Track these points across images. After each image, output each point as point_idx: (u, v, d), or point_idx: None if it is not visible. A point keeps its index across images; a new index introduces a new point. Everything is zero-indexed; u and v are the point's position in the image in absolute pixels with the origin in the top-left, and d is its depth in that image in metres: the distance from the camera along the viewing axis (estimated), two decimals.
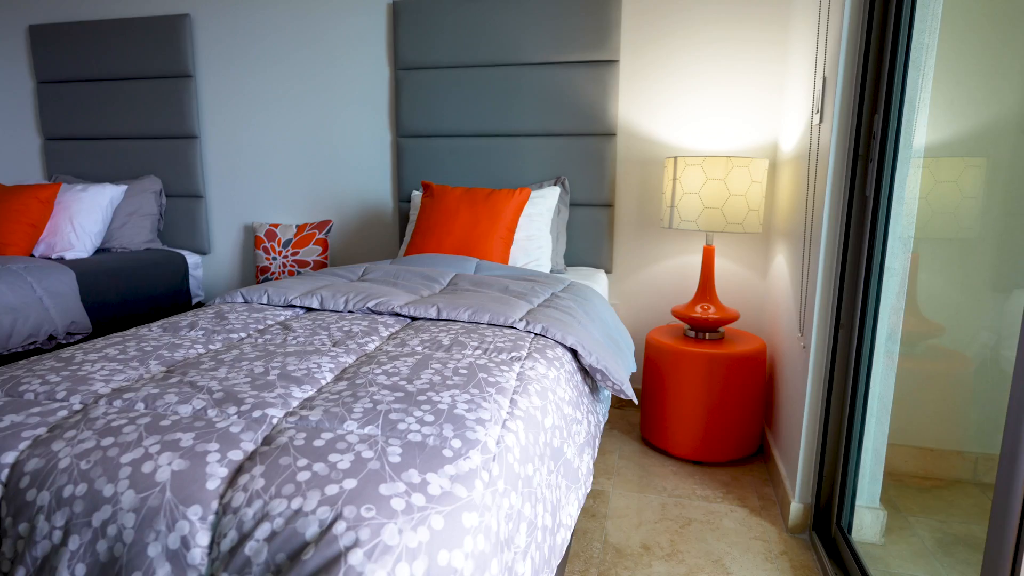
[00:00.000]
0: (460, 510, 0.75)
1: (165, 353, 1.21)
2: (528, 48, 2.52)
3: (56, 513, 0.78)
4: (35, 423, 0.90)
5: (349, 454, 0.80)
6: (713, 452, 2.14)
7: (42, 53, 3.10)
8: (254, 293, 1.68)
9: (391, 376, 1.06)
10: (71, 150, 3.17)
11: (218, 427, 0.87)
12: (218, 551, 0.73)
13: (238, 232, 3.04)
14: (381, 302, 1.55)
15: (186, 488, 0.77)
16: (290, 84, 2.85)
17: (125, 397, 0.97)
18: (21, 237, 2.54)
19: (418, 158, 2.69)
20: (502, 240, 2.12)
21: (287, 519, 0.72)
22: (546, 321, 1.43)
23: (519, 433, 0.95)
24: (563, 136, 2.55)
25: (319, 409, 0.93)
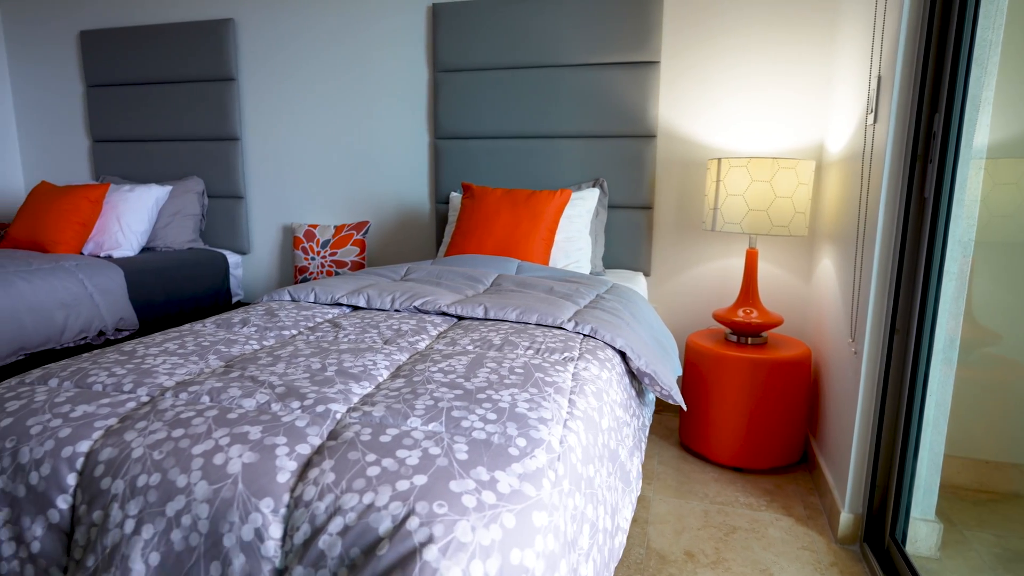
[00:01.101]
0: (530, 509, 0.74)
1: (222, 348, 1.22)
2: (567, 50, 2.51)
3: (130, 502, 0.79)
4: (106, 413, 0.92)
5: (416, 450, 0.80)
6: (755, 459, 2.09)
7: (92, 58, 3.20)
8: (301, 291, 1.70)
9: (448, 374, 1.06)
10: (118, 152, 3.25)
11: (284, 421, 0.88)
12: (291, 544, 0.73)
13: (277, 232, 3.09)
14: (427, 301, 1.56)
15: (257, 480, 0.77)
16: (329, 86, 2.89)
17: (190, 390, 0.98)
18: (72, 236, 2.61)
19: (456, 160, 2.70)
20: (543, 241, 2.11)
21: (359, 514, 0.72)
22: (594, 322, 1.41)
23: (580, 434, 0.94)
24: (601, 138, 2.54)
25: (381, 405, 0.93)
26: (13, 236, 2.67)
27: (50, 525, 0.84)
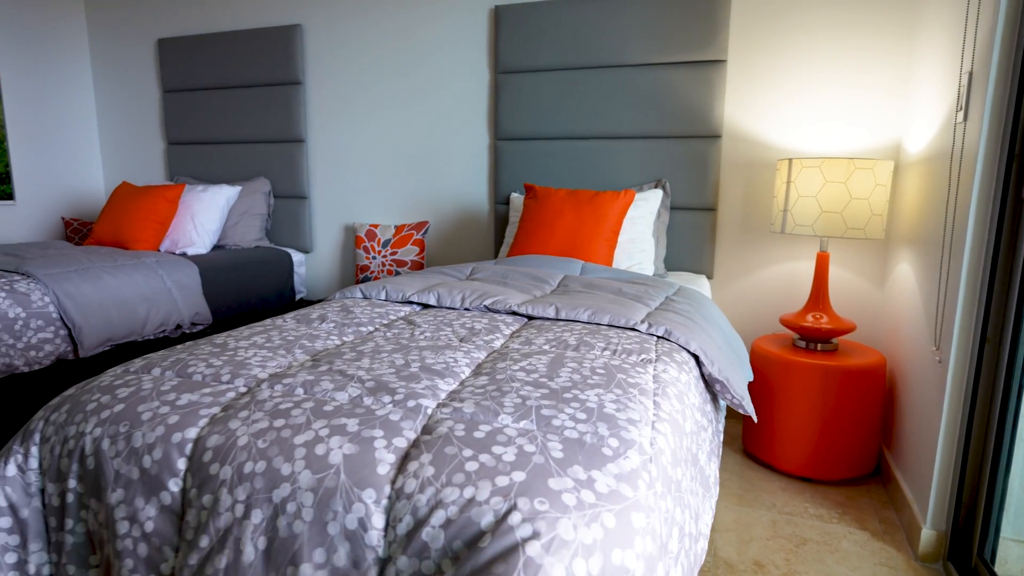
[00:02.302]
0: (629, 510, 0.74)
1: (306, 343, 1.26)
2: (630, 50, 2.49)
3: (238, 488, 0.83)
4: (209, 402, 0.97)
5: (511, 447, 0.81)
6: (825, 470, 2.03)
7: (168, 64, 3.35)
8: (372, 289, 1.74)
9: (530, 373, 1.06)
10: (190, 153, 3.40)
11: (378, 415, 0.90)
12: (394, 534, 0.75)
13: (338, 232, 3.17)
14: (498, 300, 1.57)
15: (359, 472, 0.80)
16: (391, 89, 2.94)
17: (284, 382, 1.02)
18: (150, 233, 2.74)
19: (515, 161, 2.71)
20: (607, 242, 2.10)
21: (461, 507, 0.73)
22: (668, 324, 1.40)
23: (668, 436, 0.93)
24: (664, 138, 2.50)
25: (470, 402, 0.94)
26: (98, 234, 2.82)
27: (162, 507, 0.88)
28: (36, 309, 2.00)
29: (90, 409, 0.99)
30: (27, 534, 0.99)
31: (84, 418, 0.98)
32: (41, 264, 2.19)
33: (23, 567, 0.98)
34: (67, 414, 1.00)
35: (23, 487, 0.99)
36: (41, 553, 1.00)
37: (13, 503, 0.98)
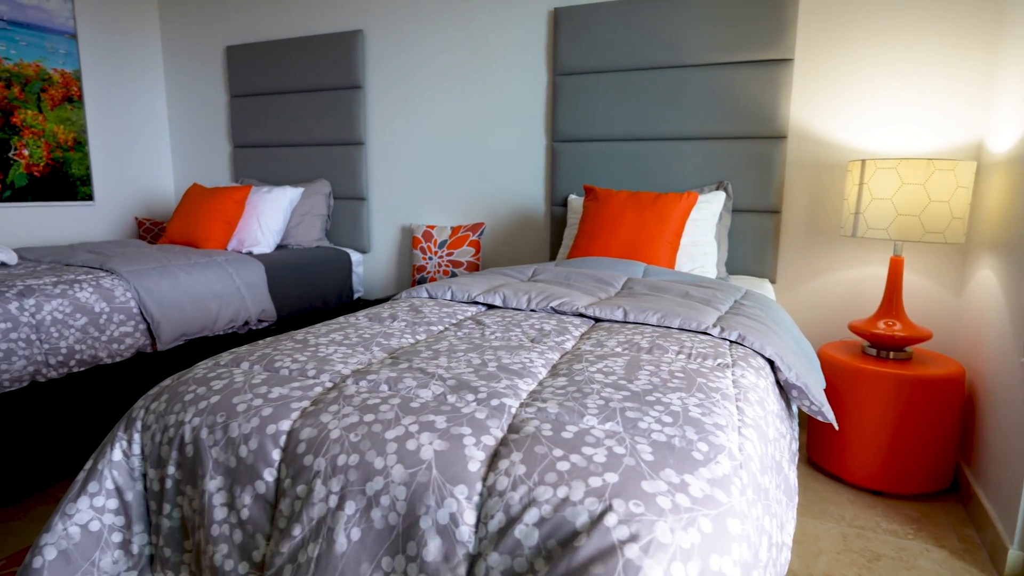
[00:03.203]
0: (725, 515, 0.73)
1: (382, 341, 1.29)
2: (692, 49, 2.46)
3: (332, 479, 0.85)
4: (299, 396, 1.00)
5: (601, 448, 0.81)
6: (897, 483, 1.95)
7: (235, 70, 3.49)
8: (438, 289, 1.77)
9: (608, 375, 1.06)
10: (254, 156, 3.53)
11: (464, 412, 0.91)
12: (485, 531, 0.76)
13: (395, 232, 3.23)
14: (564, 303, 1.57)
15: (450, 468, 0.81)
16: (449, 91, 2.98)
17: (368, 379, 1.05)
18: (219, 233, 2.86)
19: (572, 162, 2.71)
20: (669, 245, 2.07)
21: (555, 506, 0.73)
22: (741, 329, 1.37)
23: (754, 442, 0.91)
24: (726, 139, 2.46)
25: (553, 402, 0.94)
26: (171, 233, 2.95)
27: (257, 495, 0.92)
28: (119, 304, 2.10)
29: (188, 400, 1.04)
30: (131, 516, 1.04)
31: (183, 408, 1.02)
32: (123, 261, 2.31)
33: (127, 547, 1.04)
34: (166, 404, 1.05)
35: (128, 471, 1.04)
36: (143, 535, 1.05)
37: (119, 486, 1.04)
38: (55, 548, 1.00)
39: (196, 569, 1.00)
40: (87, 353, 1.99)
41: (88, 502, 1.03)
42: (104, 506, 1.03)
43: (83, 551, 1.01)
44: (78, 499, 1.03)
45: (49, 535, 1.01)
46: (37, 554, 0.99)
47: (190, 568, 1.02)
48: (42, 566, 0.98)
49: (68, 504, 1.03)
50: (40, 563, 0.98)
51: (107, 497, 1.04)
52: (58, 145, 3.31)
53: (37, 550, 0.99)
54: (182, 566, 1.02)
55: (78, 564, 1.00)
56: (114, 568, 1.03)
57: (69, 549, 1.00)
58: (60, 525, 1.01)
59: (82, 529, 1.01)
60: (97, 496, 1.04)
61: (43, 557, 0.99)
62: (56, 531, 1.01)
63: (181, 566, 1.02)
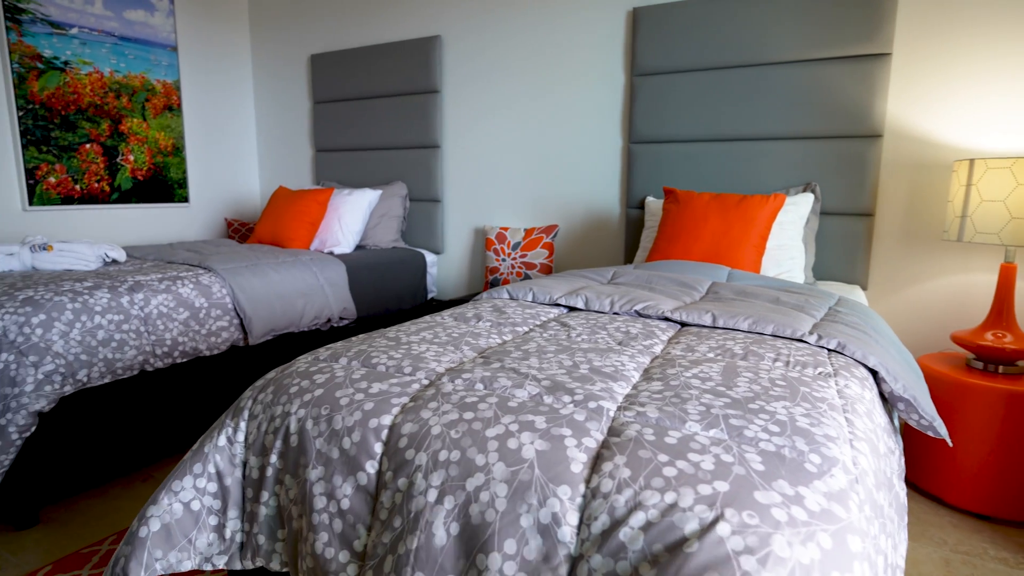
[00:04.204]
0: (844, 531, 0.69)
1: (471, 340, 1.31)
2: (777, 46, 2.37)
3: (433, 473, 0.87)
4: (398, 392, 1.03)
5: (707, 455, 0.79)
6: (1007, 508, 1.80)
7: (318, 78, 3.64)
8: (519, 290, 1.78)
9: (705, 381, 1.03)
10: (334, 159, 3.67)
11: (562, 414, 0.91)
12: (588, 532, 0.76)
13: (469, 234, 3.27)
14: (649, 306, 1.55)
15: (553, 468, 0.81)
16: (525, 94, 3.00)
17: (464, 377, 1.06)
18: (303, 233, 2.99)
19: (650, 164, 2.67)
20: (755, 248, 2.01)
21: (662, 512, 0.72)
22: (840, 337, 1.31)
23: (867, 456, 0.87)
24: (813, 139, 2.35)
25: (652, 407, 0.93)
26: (259, 233, 3.11)
27: (358, 486, 0.95)
28: (216, 300, 2.23)
29: (293, 392, 1.09)
30: (227, 501, 1.10)
31: (288, 400, 1.07)
32: (219, 260, 2.45)
33: (221, 531, 1.10)
34: (272, 395, 1.11)
35: (229, 457, 1.10)
36: (236, 521, 1.10)
37: (220, 471, 1.10)
38: (159, 521, 1.06)
39: (289, 558, 1.04)
40: (188, 345, 2.13)
41: (192, 482, 1.09)
42: (205, 488, 1.10)
43: (183, 528, 1.07)
44: (183, 478, 1.10)
45: (155, 507, 1.07)
46: (143, 524, 1.06)
47: (282, 558, 1.06)
48: (146, 535, 1.05)
49: (174, 481, 1.10)
50: (145, 532, 1.05)
51: (208, 480, 1.10)
52: (159, 151, 3.56)
53: (143, 520, 1.06)
54: (274, 555, 1.06)
55: (177, 539, 1.06)
56: (208, 550, 1.09)
57: (171, 524, 1.06)
58: (165, 500, 1.08)
59: (184, 507, 1.08)
60: (200, 477, 1.10)
61: (148, 527, 1.05)
62: (161, 505, 1.07)
63: (273, 555, 1.06)
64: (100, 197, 3.30)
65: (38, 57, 3.01)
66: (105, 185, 3.32)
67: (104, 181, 3.32)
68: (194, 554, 1.05)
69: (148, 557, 1.00)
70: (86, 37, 3.18)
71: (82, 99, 3.19)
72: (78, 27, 3.15)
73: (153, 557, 1.00)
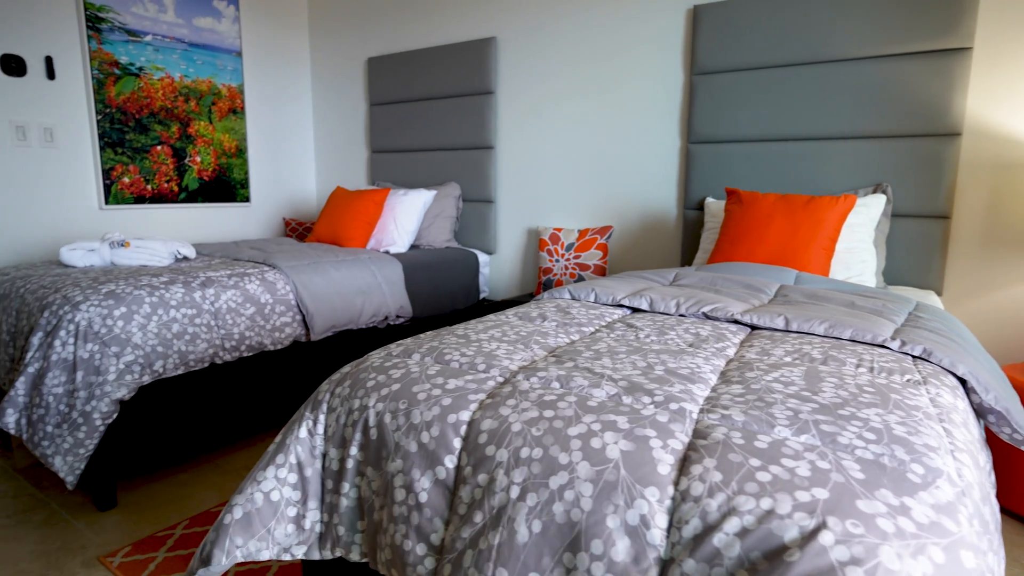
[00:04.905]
0: (957, 546, 0.66)
1: (539, 339, 1.31)
2: (846, 42, 2.29)
3: (514, 470, 0.87)
4: (474, 389, 1.03)
5: (802, 461, 0.76)
6: None
7: (375, 80, 3.71)
8: (580, 291, 1.77)
9: (787, 385, 1.00)
10: (388, 160, 3.73)
11: (644, 415, 0.90)
12: (679, 536, 0.74)
13: (521, 234, 3.28)
14: (716, 308, 1.52)
15: (639, 469, 0.80)
16: (580, 94, 2.99)
17: (539, 375, 1.06)
18: (360, 232, 3.05)
19: (709, 164, 2.62)
20: (823, 251, 1.94)
21: (758, 518, 0.70)
22: (926, 343, 1.25)
23: (970, 468, 0.82)
24: (884, 138, 2.26)
25: (736, 410, 0.91)
26: (317, 232, 3.19)
27: (436, 480, 0.96)
28: (280, 296, 2.30)
29: (370, 386, 1.11)
30: (307, 492, 1.12)
31: (366, 393, 1.10)
32: (282, 257, 2.52)
33: (300, 521, 1.12)
34: (350, 388, 1.13)
35: (310, 449, 1.13)
36: (316, 511, 1.13)
37: (301, 461, 1.13)
38: (242, 509, 1.09)
39: (368, 549, 1.06)
40: (255, 340, 2.20)
41: (274, 472, 1.12)
42: (285, 479, 1.12)
43: (263, 517, 1.10)
44: (267, 468, 1.13)
45: (240, 496, 1.11)
46: (228, 512, 1.09)
47: (361, 549, 1.08)
48: (230, 523, 1.08)
49: (258, 471, 1.13)
50: (229, 520, 1.08)
51: (289, 471, 1.13)
52: (223, 152, 3.69)
53: (228, 508, 1.10)
54: (354, 545, 1.08)
55: (257, 528, 1.09)
56: (286, 540, 1.12)
57: (252, 512, 1.09)
58: (249, 489, 1.11)
59: (265, 497, 1.11)
60: (282, 468, 1.13)
61: (232, 515, 1.09)
62: (245, 494, 1.11)
63: (353, 545, 1.08)
64: (169, 197, 3.45)
65: (115, 63, 3.16)
66: (174, 185, 3.47)
67: (173, 181, 3.46)
68: (272, 544, 1.08)
69: (229, 544, 1.03)
70: (159, 44, 3.33)
71: (154, 103, 3.34)
72: (152, 34, 3.29)
73: (234, 544, 1.04)
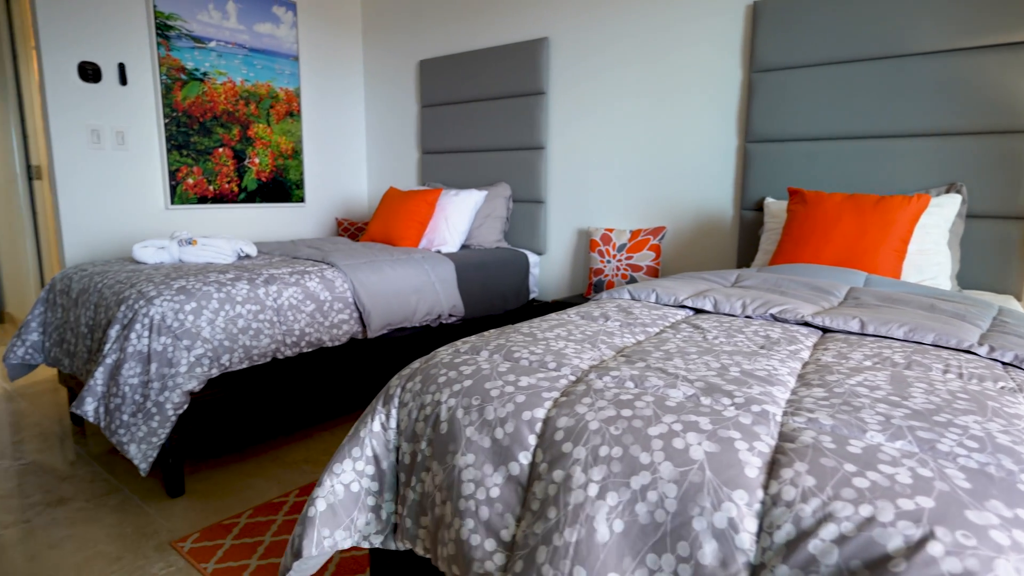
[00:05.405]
0: None
1: (606, 339, 1.30)
2: (919, 36, 2.20)
3: (593, 468, 0.87)
4: (547, 387, 1.03)
5: (901, 468, 0.73)
6: None
7: (426, 82, 3.76)
8: (641, 291, 1.75)
9: (873, 390, 0.97)
10: (438, 161, 3.77)
11: (726, 416, 0.88)
12: (770, 541, 0.73)
13: (572, 235, 3.27)
14: (786, 310, 1.47)
15: (725, 471, 0.78)
16: (633, 93, 2.96)
17: (612, 375, 1.06)
18: (413, 232, 3.09)
19: (768, 164, 2.55)
20: (894, 253, 1.87)
21: (858, 525, 0.68)
22: (1017, 349, 1.19)
23: None
24: (959, 135, 2.16)
25: (822, 413, 0.88)
26: (371, 231, 3.25)
27: (509, 476, 0.96)
28: (338, 294, 2.35)
29: (442, 381, 1.12)
30: (383, 483, 1.15)
31: (438, 389, 1.11)
32: (340, 256, 2.58)
33: (378, 512, 1.14)
34: (421, 384, 1.14)
35: (384, 442, 1.15)
36: (391, 503, 1.15)
37: (376, 454, 1.15)
38: (325, 501, 1.12)
39: (430, 544, 1.07)
40: (314, 336, 2.25)
41: (351, 464, 1.15)
42: (363, 471, 1.15)
43: (345, 507, 1.12)
44: (343, 461, 1.15)
45: (320, 490, 1.14)
46: (311, 505, 1.12)
47: (424, 543, 1.09)
48: (315, 515, 1.11)
49: (335, 464, 1.16)
50: (313, 512, 1.11)
51: (366, 463, 1.15)
52: (280, 154, 3.80)
53: (311, 502, 1.13)
54: (417, 540, 1.10)
55: (341, 518, 1.12)
56: (366, 529, 1.14)
57: (335, 504, 1.12)
58: (328, 482, 1.14)
59: (345, 488, 1.13)
60: (358, 460, 1.15)
61: (316, 508, 1.12)
62: (325, 487, 1.14)
63: (416, 540, 1.10)
64: (229, 197, 3.57)
65: (182, 69, 3.30)
66: (234, 186, 3.59)
67: (233, 182, 3.58)
68: (354, 532, 1.10)
69: (317, 535, 1.06)
70: (222, 50, 3.45)
71: (217, 107, 3.46)
72: (215, 40, 3.42)
73: (321, 535, 1.06)
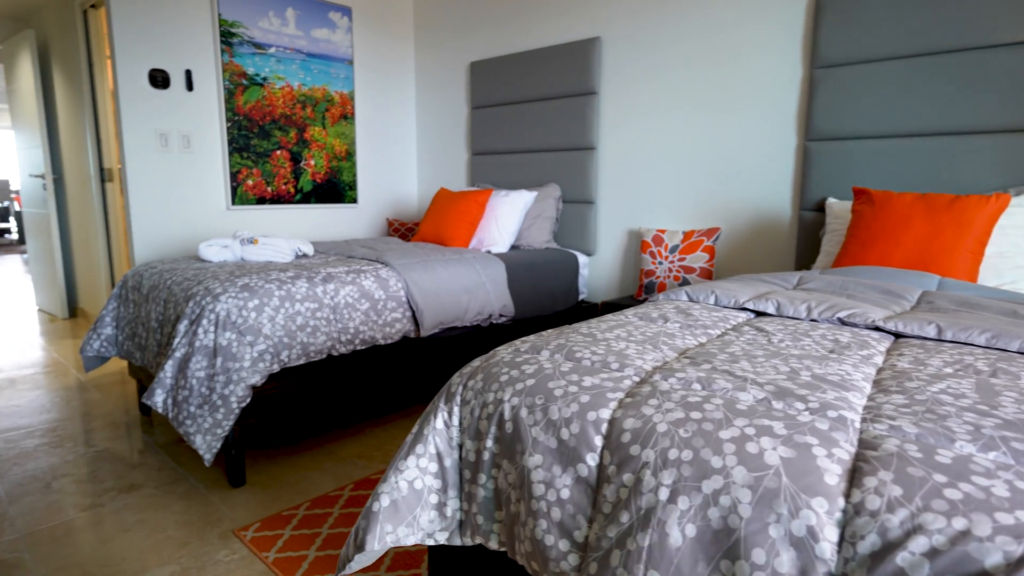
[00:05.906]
0: None
1: (667, 340, 1.28)
2: (1000, 25, 2.08)
3: (663, 472, 0.86)
4: (611, 387, 1.03)
5: (996, 480, 0.70)
6: None
7: (477, 84, 3.79)
8: (699, 293, 1.72)
9: (958, 398, 0.92)
10: (488, 162, 3.80)
11: (801, 421, 0.86)
12: (853, 551, 0.70)
13: (622, 236, 3.24)
14: (855, 314, 1.42)
15: (803, 477, 0.76)
16: (687, 92, 2.91)
17: (678, 376, 1.04)
18: (463, 232, 3.12)
19: (830, 163, 2.47)
20: (971, 255, 1.78)
21: (951, 539, 0.65)
22: None
23: None
24: None
25: (905, 420, 0.85)
26: (422, 231, 3.30)
27: (578, 477, 0.96)
28: (392, 292, 2.39)
29: (504, 380, 1.12)
30: (447, 481, 1.16)
31: (500, 387, 1.11)
32: (393, 255, 2.62)
33: (442, 509, 1.16)
34: (483, 382, 1.15)
35: (447, 440, 1.17)
36: (455, 500, 1.16)
37: (439, 452, 1.16)
38: (388, 497, 1.14)
39: (506, 539, 1.08)
40: (368, 334, 2.30)
41: (415, 461, 1.17)
42: (426, 468, 1.16)
43: (408, 504, 1.14)
44: (407, 458, 1.17)
45: (385, 485, 1.16)
46: (376, 500, 1.15)
47: (499, 538, 1.10)
48: (379, 510, 1.13)
49: (399, 461, 1.18)
50: (377, 507, 1.14)
51: (429, 460, 1.17)
52: (334, 156, 3.90)
53: (376, 497, 1.15)
54: (492, 535, 1.11)
55: (404, 515, 1.13)
56: (430, 526, 1.16)
57: (398, 500, 1.14)
58: (392, 479, 1.16)
59: (408, 485, 1.15)
60: (422, 458, 1.17)
61: (379, 503, 1.14)
62: (389, 483, 1.16)
63: (491, 534, 1.11)
64: (286, 198, 3.69)
65: (243, 75, 3.42)
66: (291, 187, 3.70)
67: (290, 183, 3.70)
68: (417, 529, 1.12)
69: (380, 530, 1.08)
70: (281, 55, 3.57)
71: (275, 111, 3.58)
72: (275, 46, 3.53)
73: (384, 530, 1.09)
